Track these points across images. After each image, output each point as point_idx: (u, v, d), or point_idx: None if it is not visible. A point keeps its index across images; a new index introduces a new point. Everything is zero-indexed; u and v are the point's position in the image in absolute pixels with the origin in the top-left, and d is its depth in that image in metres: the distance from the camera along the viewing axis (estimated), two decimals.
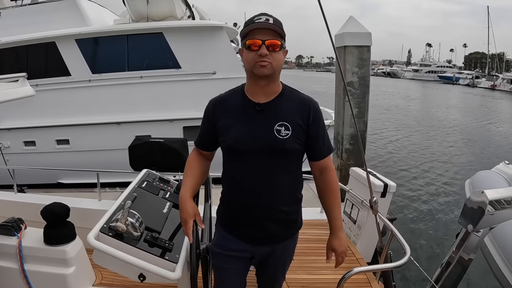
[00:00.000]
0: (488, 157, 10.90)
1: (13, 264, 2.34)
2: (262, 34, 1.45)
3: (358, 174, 3.25)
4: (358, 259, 2.86)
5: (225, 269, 1.67)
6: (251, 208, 1.56)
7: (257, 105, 1.54)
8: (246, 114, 1.54)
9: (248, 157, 1.52)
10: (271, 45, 1.45)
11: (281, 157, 1.53)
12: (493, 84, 47.80)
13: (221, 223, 1.69)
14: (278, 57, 1.47)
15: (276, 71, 1.50)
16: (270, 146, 1.51)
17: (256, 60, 1.45)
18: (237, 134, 1.53)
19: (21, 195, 3.71)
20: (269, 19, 1.47)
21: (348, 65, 5.07)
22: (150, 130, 6.23)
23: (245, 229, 1.61)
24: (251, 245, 1.62)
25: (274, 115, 1.53)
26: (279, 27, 1.47)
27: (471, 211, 2.51)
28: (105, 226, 1.65)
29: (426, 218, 6.24)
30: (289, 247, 1.72)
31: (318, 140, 1.58)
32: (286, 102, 1.56)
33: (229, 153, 1.59)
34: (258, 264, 1.72)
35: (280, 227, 1.62)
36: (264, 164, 1.52)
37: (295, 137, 1.52)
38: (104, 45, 6.78)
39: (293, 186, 1.63)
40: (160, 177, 2.39)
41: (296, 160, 1.60)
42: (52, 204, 2.42)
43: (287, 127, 1.51)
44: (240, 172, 1.56)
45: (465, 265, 2.66)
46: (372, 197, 2.30)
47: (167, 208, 2.03)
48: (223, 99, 1.63)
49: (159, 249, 1.65)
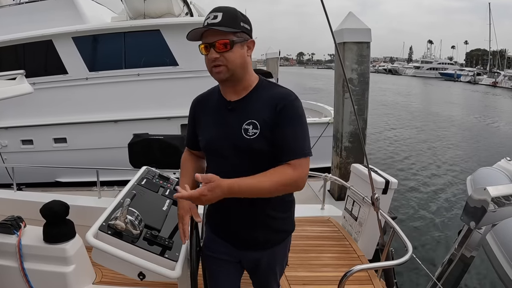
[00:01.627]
0: (489, 153, 10.90)
1: (12, 262, 2.33)
2: (210, 36, 1.34)
3: (359, 170, 3.23)
4: (359, 256, 2.84)
5: (214, 271, 1.64)
6: (234, 211, 1.48)
7: (228, 103, 1.45)
8: (219, 113, 1.47)
9: (222, 158, 1.45)
10: (220, 46, 1.32)
11: (253, 158, 1.40)
12: (495, 81, 47.67)
13: (209, 224, 1.66)
14: (231, 56, 1.34)
15: (236, 71, 1.37)
16: (238, 146, 1.39)
17: (211, 65, 1.36)
18: (210, 134, 1.47)
19: (21, 193, 3.69)
20: (217, 15, 1.33)
21: (348, 61, 5.03)
22: (147, 128, 6.20)
23: (230, 233, 1.55)
24: (238, 250, 1.56)
25: (243, 113, 1.40)
26: (226, 23, 1.32)
27: (474, 208, 2.50)
28: (104, 224, 1.63)
29: (427, 215, 6.24)
30: (279, 254, 1.60)
31: (284, 139, 1.36)
32: (259, 98, 1.42)
33: (207, 154, 1.55)
34: (248, 269, 1.66)
35: (266, 232, 1.52)
36: (238, 164, 1.41)
37: (263, 136, 1.37)
38: (101, 43, 6.74)
39: None
40: (159, 174, 2.37)
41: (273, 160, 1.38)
42: (51, 202, 2.40)
43: (255, 125, 1.37)
44: (218, 172, 1.34)
45: (467, 262, 2.65)
46: (374, 193, 2.28)
47: (167, 205, 2.01)
48: (203, 98, 1.58)
49: (158, 247, 1.63)
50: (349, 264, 2.55)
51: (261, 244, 1.53)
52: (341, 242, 3.05)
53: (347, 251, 2.92)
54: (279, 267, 1.64)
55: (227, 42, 1.33)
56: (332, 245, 2.94)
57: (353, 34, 5.00)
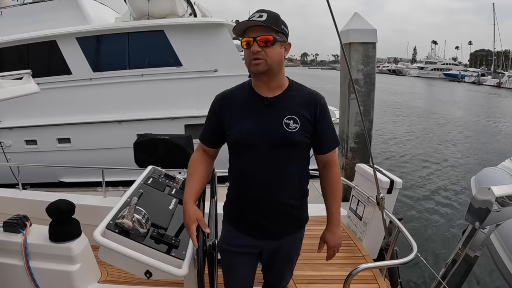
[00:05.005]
0: (493, 154, 10.87)
1: (18, 261, 2.35)
2: (254, 31, 1.47)
3: (364, 170, 3.23)
4: (364, 255, 2.85)
5: (233, 265, 1.68)
6: (260, 200, 1.57)
7: (265, 99, 1.55)
8: (254, 108, 1.56)
9: (256, 151, 1.54)
10: (262, 41, 1.45)
11: (289, 150, 1.55)
12: (499, 81, 47.50)
13: (228, 219, 1.70)
14: (272, 52, 1.48)
15: (273, 66, 1.51)
16: (280, 139, 1.52)
17: (251, 58, 1.47)
18: (246, 128, 1.54)
19: (26, 192, 3.71)
20: (263, 15, 1.47)
21: (353, 62, 5.01)
22: (151, 128, 6.20)
23: (253, 224, 1.61)
24: (259, 240, 1.63)
25: (283, 109, 1.54)
26: (271, 22, 1.46)
27: (478, 207, 2.49)
28: (111, 222, 1.64)
29: (431, 215, 6.23)
30: (296, 241, 1.73)
31: (324, 134, 1.60)
32: (294, 97, 1.57)
33: (237, 147, 1.59)
34: (266, 259, 1.72)
35: (288, 220, 1.63)
36: (273, 157, 1.53)
37: (303, 130, 1.53)
38: (105, 43, 6.75)
39: (301, 179, 1.64)
40: (165, 173, 2.38)
41: (303, 152, 1.61)
42: (57, 201, 2.41)
43: (295, 120, 1.52)
44: (249, 166, 1.56)
45: (471, 262, 2.65)
46: (379, 193, 2.28)
47: (173, 204, 2.02)
48: (230, 94, 1.64)
49: (165, 246, 1.64)
50: (354, 263, 2.56)
51: (282, 232, 1.64)
52: (346, 241, 3.06)
53: (352, 250, 2.93)
54: (296, 255, 1.79)
55: (270, 39, 1.46)
56: None
57: (359, 35, 4.99)
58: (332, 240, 1.71)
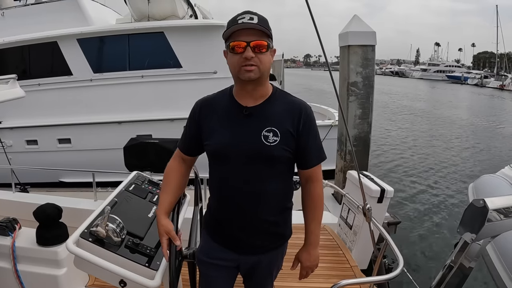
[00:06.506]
0: (493, 160, 10.72)
1: (6, 264, 2.36)
2: (246, 35, 1.34)
3: (355, 178, 3.18)
4: (352, 266, 2.77)
5: (210, 277, 1.63)
6: (237, 215, 1.50)
7: (244, 108, 1.44)
8: (233, 117, 1.45)
9: (233, 163, 1.44)
10: (256, 47, 1.34)
11: (268, 164, 1.44)
12: (502, 84, 47.04)
13: (207, 230, 1.64)
14: (265, 59, 1.37)
15: (264, 74, 1.41)
16: (256, 152, 1.41)
17: (241, 64, 1.35)
18: (223, 138, 1.44)
19: (19, 195, 3.73)
20: (253, 17, 1.35)
21: (352, 65, 4.98)
22: (151, 130, 6.24)
23: (230, 238, 1.55)
24: (237, 254, 1.57)
25: (262, 120, 1.43)
26: (264, 26, 1.36)
27: (471, 220, 2.43)
28: (85, 231, 1.62)
29: (428, 222, 6.13)
30: (276, 257, 1.64)
31: (307, 148, 1.48)
32: (276, 106, 1.46)
33: (214, 158, 1.52)
34: (244, 273, 1.67)
35: (266, 237, 1.55)
36: (250, 170, 1.44)
37: (284, 144, 1.42)
38: (106, 45, 6.79)
39: (281, 194, 1.54)
40: (149, 179, 2.36)
41: (284, 167, 1.49)
42: (44, 205, 2.41)
43: (275, 133, 1.41)
44: (225, 178, 1.47)
45: (465, 273, 2.58)
46: (366, 203, 2.23)
47: (153, 212, 1.99)
48: (210, 101, 1.54)
49: (140, 256, 1.61)
50: (341, 275, 2.51)
51: (261, 248, 1.56)
52: (334, 251, 3.00)
53: (340, 261, 2.86)
54: (276, 269, 1.69)
55: (265, 45, 1.36)
56: (325, 254, 2.89)
57: (358, 37, 4.94)
58: (307, 260, 1.61)
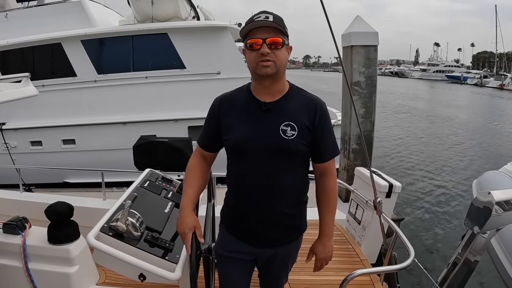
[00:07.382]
0: (496, 157, 10.77)
1: (17, 262, 2.36)
2: (262, 33, 1.41)
3: (363, 174, 3.22)
4: (362, 260, 2.83)
5: (228, 270, 1.66)
6: (255, 207, 1.54)
7: (263, 104, 1.50)
8: (252, 113, 1.51)
9: (252, 157, 1.50)
10: (272, 43, 1.41)
11: (286, 158, 1.50)
12: (501, 83, 47.17)
13: (225, 224, 1.68)
14: (280, 55, 1.44)
15: (280, 70, 1.47)
16: (275, 146, 1.47)
17: (258, 59, 1.42)
18: (242, 133, 1.50)
19: (27, 194, 3.75)
20: (269, 16, 1.43)
21: (355, 64, 5.04)
22: (155, 130, 6.21)
23: (248, 231, 1.59)
24: (254, 247, 1.61)
25: (280, 115, 1.49)
26: (279, 24, 1.43)
27: (477, 212, 2.47)
28: (105, 225, 1.65)
29: (432, 218, 6.18)
30: (292, 250, 1.69)
31: (322, 142, 1.54)
32: (293, 102, 1.52)
33: (233, 153, 1.56)
34: (261, 266, 1.71)
35: (283, 229, 1.59)
36: (268, 164, 1.49)
37: (301, 138, 1.48)
38: (110, 46, 6.83)
39: (298, 187, 1.59)
40: (163, 176, 2.39)
41: (301, 161, 1.56)
42: (55, 203, 2.43)
43: (293, 127, 1.47)
44: (244, 172, 1.53)
45: (471, 267, 2.62)
46: (376, 197, 2.27)
47: (169, 208, 2.02)
48: (229, 97, 1.60)
49: (159, 249, 1.64)
50: (352, 268, 2.53)
51: (278, 241, 1.60)
52: (344, 245, 3.04)
53: (350, 255, 2.91)
54: (291, 262, 1.75)
55: (280, 41, 1.43)
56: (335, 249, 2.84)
57: (360, 38, 5.00)
58: (322, 252, 1.66)
